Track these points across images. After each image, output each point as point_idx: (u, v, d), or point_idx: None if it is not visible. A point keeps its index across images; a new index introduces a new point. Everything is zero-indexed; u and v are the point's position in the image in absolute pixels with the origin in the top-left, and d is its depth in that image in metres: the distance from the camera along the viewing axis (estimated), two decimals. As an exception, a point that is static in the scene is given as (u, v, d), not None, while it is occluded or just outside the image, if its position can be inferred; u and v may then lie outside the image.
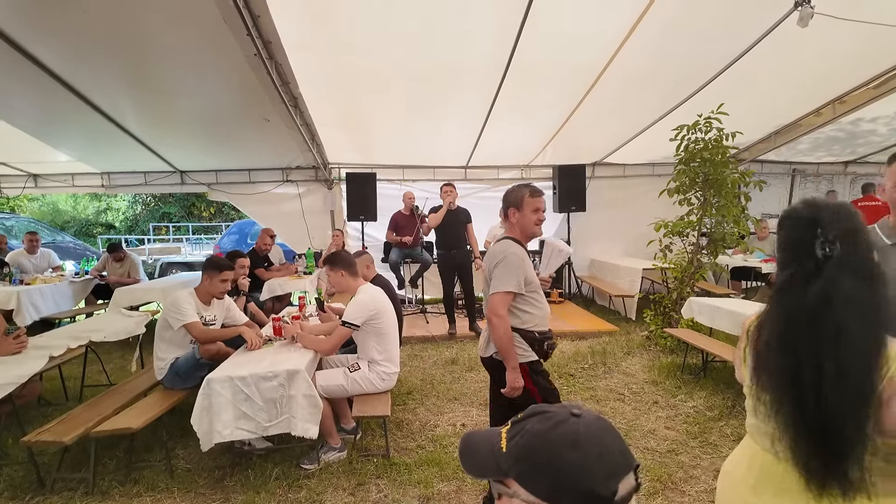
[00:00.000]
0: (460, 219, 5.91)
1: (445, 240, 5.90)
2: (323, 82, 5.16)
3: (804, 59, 5.03)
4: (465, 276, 6.00)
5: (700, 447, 3.33)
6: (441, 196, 5.96)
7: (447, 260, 5.93)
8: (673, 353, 5.24)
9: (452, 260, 5.91)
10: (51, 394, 4.43)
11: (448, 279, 6.01)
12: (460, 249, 5.91)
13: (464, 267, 5.96)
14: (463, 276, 6.02)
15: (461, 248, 5.92)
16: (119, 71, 4.89)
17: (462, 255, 5.92)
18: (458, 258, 5.90)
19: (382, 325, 3.28)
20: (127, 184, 7.91)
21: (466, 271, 5.98)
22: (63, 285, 6.41)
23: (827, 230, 1.08)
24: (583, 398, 4.19)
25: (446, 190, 5.89)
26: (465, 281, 6.02)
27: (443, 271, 6.03)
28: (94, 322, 4.15)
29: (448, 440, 3.45)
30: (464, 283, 6.05)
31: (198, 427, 2.72)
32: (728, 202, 5.20)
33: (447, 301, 6.10)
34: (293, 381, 2.77)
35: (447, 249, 5.91)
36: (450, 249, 5.90)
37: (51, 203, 19.95)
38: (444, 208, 5.79)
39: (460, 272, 6.00)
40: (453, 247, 5.89)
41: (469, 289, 6.06)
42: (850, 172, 8.87)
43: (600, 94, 5.45)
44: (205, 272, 3.47)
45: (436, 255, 6.22)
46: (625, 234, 8.20)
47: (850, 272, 1.06)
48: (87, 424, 2.90)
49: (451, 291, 6.06)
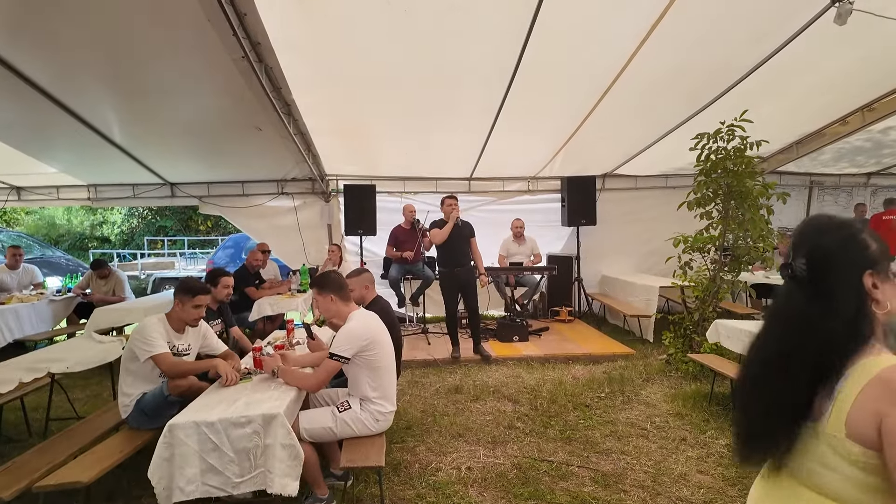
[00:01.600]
0: (464, 233, 5.49)
1: (448, 256, 5.48)
2: (317, 87, 4.82)
3: (836, 63, 4.68)
4: (469, 294, 5.58)
5: (741, 497, 2.89)
6: (442, 209, 5.54)
7: (450, 278, 5.51)
8: (696, 380, 4.81)
9: (456, 278, 5.48)
10: (13, 427, 4.02)
11: (451, 298, 5.58)
12: (464, 266, 5.49)
13: (468, 285, 5.54)
14: (467, 295, 5.59)
15: (465, 264, 5.50)
16: (101, 78, 4.58)
17: (466, 272, 5.50)
18: (463, 276, 5.48)
19: (377, 357, 2.87)
20: (115, 196, 7.56)
21: (471, 289, 5.56)
22: (42, 304, 6.03)
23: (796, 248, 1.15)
24: (602, 434, 3.76)
25: (449, 203, 5.47)
26: (470, 299, 5.60)
27: (445, 290, 5.61)
28: (57, 350, 3.74)
29: (452, 488, 3.03)
30: (468, 301, 5.63)
31: (156, 482, 2.31)
32: (753, 215, 4.81)
33: (450, 322, 5.68)
34: (270, 427, 2.36)
35: (450, 267, 5.49)
36: (453, 267, 5.47)
37: (47, 216, 19.68)
38: (451, 223, 5.36)
39: (464, 290, 5.58)
40: (457, 264, 5.46)
41: (474, 308, 5.64)
42: (871, 185, 8.49)
43: (614, 101, 5.10)
44: (176, 296, 3.07)
45: (438, 273, 5.79)
46: (637, 249, 7.82)
47: (799, 289, 1.12)
48: (33, 476, 2.49)
49: (454, 311, 5.64)
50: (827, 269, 1.09)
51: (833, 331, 1.05)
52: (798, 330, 1.11)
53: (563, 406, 4.29)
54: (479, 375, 5.14)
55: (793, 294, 1.14)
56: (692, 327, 5.12)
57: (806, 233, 1.17)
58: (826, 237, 1.12)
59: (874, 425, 0.97)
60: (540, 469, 3.25)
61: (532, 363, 5.51)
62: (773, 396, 1.13)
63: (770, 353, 1.17)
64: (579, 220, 7.39)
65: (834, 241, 1.11)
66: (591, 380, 4.91)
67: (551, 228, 7.85)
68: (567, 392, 4.58)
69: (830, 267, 1.09)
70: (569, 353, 5.69)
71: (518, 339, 6.17)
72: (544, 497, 2.92)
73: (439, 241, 5.38)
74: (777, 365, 1.13)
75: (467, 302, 5.66)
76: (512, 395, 4.58)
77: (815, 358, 1.06)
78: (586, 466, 3.28)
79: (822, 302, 1.08)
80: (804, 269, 1.11)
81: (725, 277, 5.08)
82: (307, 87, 4.76)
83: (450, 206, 5.44)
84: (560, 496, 2.93)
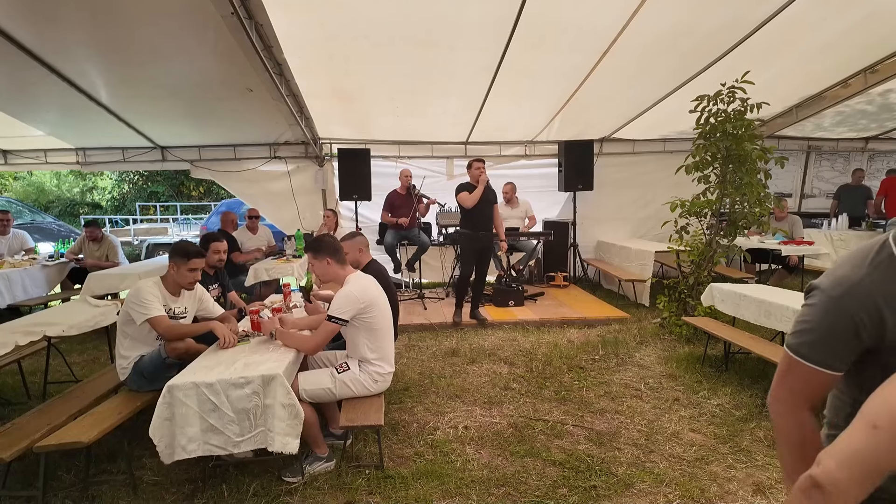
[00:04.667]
0: (490, 198, 5.42)
1: (475, 219, 5.38)
2: (309, 47, 4.67)
3: (840, 23, 4.56)
4: (484, 260, 5.59)
5: (732, 454, 2.96)
6: (469, 173, 5.41)
7: (473, 241, 5.43)
8: (690, 343, 4.88)
9: (479, 241, 5.43)
10: (11, 391, 4.04)
11: (468, 262, 5.52)
12: (488, 231, 5.46)
13: (487, 250, 5.55)
14: (483, 261, 5.58)
15: (489, 229, 5.47)
16: (86, 36, 4.42)
17: (489, 237, 5.48)
18: (485, 241, 5.46)
19: (374, 319, 2.87)
20: (104, 160, 7.40)
21: (487, 255, 5.59)
22: (35, 270, 5.97)
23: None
24: (596, 394, 3.82)
25: (477, 166, 5.35)
26: (483, 266, 5.61)
27: (465, 252, 5.56)
28: (52, 314, 3.71)
29: (449, 446, 3.08)
30: (482, 267, 5.62)
31: (158, 439, 2.34)
32: (751, 179, 4.79)
33: (461, 286, 5.65)
34: (269, 388, 2.37)
35: (475, 230, 5.41)
36: (478, 231, 5.41)
37: (35, 182, 19.36)
38: (480, 187, 5.25)
39: (481, 255, 5.55)
40: (482, 228, 5.41)
41: (484, 274, 5.65)
42: (869, 149, 8.44)
43: (614, 61, 4.98)
44: (171, 259, 3.03)
45: (459, 235, 5.70)
46: (634, 214, 7.81)
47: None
48: (33, 436, 2.50)
49: (468, 276, 5.58)
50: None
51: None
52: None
53: (557, 368, 4.34)
54: (476, 339, 5.18)
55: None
56: (687, 291, 5.16)
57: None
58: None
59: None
60: (535, 428, 3.31)
61: (527, 327, 5.55)
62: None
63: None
64: (576, 185, 7.33)
65: None
66: (586, 343, 4.97)
67: (548, 193, 7.79)
68: (562, 354, 4.63)
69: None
70: (564, 317, 5.73)
71: (514, 304, 6.20)
72: (540, 455, 2.98)
73: (470, 206, 5.29)
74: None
75: (481, 267, 5.63)
76: (508, 357, 4.63)
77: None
78: (581, 425, 3.35)
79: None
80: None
81: (721, 242, 5.09)
82: (299, 47, 4.61)
83: (478, 169, 5.34)
84: (555, 454, 2.99)
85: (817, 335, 1.03)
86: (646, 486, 2.66)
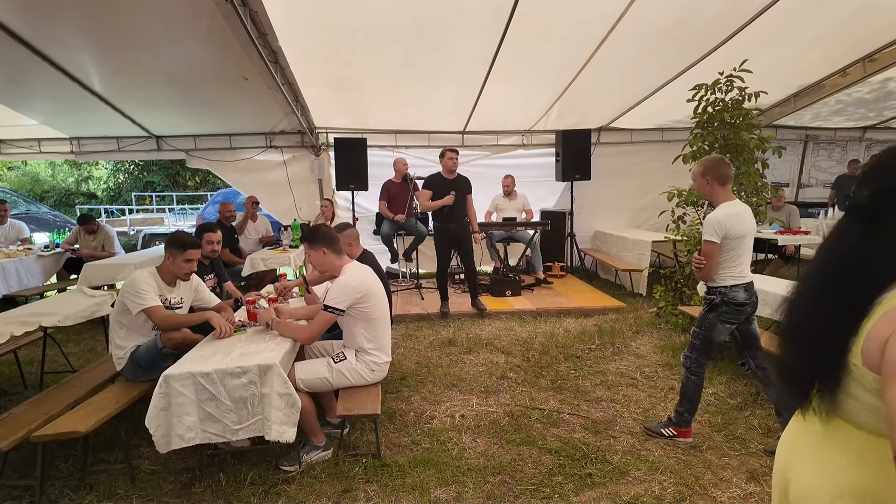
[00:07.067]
0: (461, 189, 5.39)
1: (444, 211, 5.37)
2: (305, 34, 4.62)
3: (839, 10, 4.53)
4: (465, 250, 5.54)
5: (727, 442, 2.99)
6: (441, 162, 5.36)
7: (444, 233, 5.46)
8: (686, 333, 4.88)
9: (450, 233, 5.43)
10: (8, 381, 4.04)
11: (444, 254, 5.55)
12: (459, 223, 5.42)
13: (463, 241, 5.49)
14: (464, 251, 5.56)
15: (460, 221, 5.42)
16: (79, 24, 4.37)
17: (460, 228, 5.43)
18: (457, 232, 5.41)
19: (371, 308, 2.88)
20: (99, 150, 7.35)
21: (467, 245, 5.52)
22: (30, 260, 5.95)
23: (863, 180, 1.11)
24: (592, 383, 3.84)
25: (450, 156, 5.29)
26: (466, 256, 5.56)
27: (439, 245, 5.56)
28: (48, 304, 3.71)
29: (446, 435, 3.10)
30: (465, 257, 5.59)
31: (154, 429, 2.34)
32: (748, 169, 4.78)
33: (441, 278, 5.66)
34: (266, 377, 2.37)
35: (445, 222, 5.41)
36: (448, 222, 5.39)
37: (30, 172, 19.21)
38: (441, 203, 5.23)
39: (459, 246, 5.54)
40: (452, 220, 5.38)
41: (470, 263, 5.63)
42: (867, 139, 8.42)
43: (612, 50, 4.95)
44: (167, 250, 3.02)
45: (431, 228, 5.71)
46: (631, 204, 7.80)
47: (855, 223, 1.08)
48: (30, 426, 2.51)
49: (445, 268, 5.61)
50: (891, 207, 1.03)
51: (881, 269, 1.02)
52: (846, 265, 1.07)
53: (554, 357, 4.36)
54: (472, 329, 5.20)
55: (847, 228, 1.10)
56: (683, 281, 5.17)
57: (877, 168, 1.10)
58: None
59: (880, 350, 0.96)
60: (532, 417, 3.33)
61: (524, 317, 5.57)
62: (814, 333, 1.11)
63: (813, 287, 1.13)
64: (573, 175, 7.31)
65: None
66: (582, 332, 4.98)
67: (545, 183, 7.77)
68: (558, 344, 4.65)
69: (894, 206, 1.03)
70: (560, 306, 5.75)
71: (511, 294, 6.21)
72: (536, 443, 3.00)
73: (422, 210, 5.25)
74: (819, 298, 1.11)
75: (464, 258, 5.62)
76: (504, 347, 4.65)
77: (857, 294, 1.03)
78: (577, 414, 3.37)
79: (878, 240, 1.03)
80: (866, 201, 1.06)
81: (718, 231, 5.08)
82: (294, 35, 4.56)
83: (451, 159, 5.30)
84: (551, 442, 3.01)
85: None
86: (641, 473, 2.69)
